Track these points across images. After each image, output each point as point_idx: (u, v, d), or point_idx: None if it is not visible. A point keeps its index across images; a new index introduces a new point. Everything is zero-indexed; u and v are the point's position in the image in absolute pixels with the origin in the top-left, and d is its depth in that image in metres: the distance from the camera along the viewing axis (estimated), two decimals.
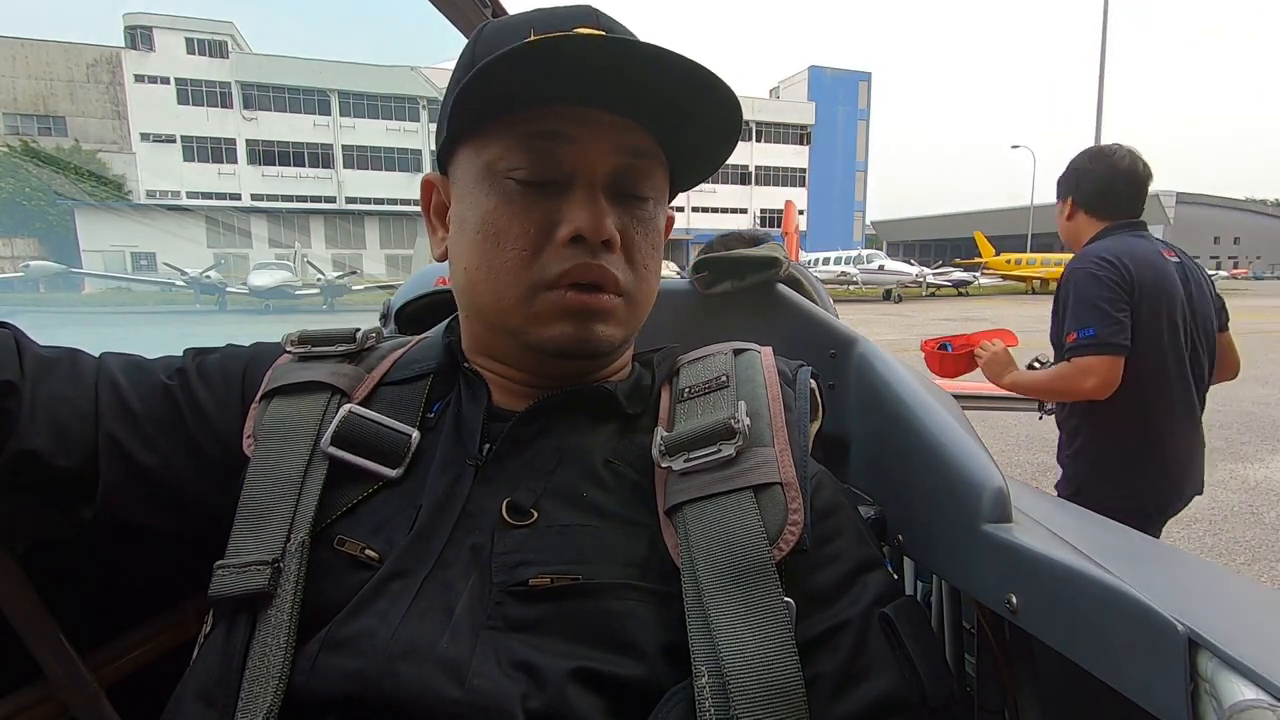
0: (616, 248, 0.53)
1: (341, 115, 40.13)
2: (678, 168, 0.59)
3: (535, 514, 0.50)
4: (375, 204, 39.34)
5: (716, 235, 1.66)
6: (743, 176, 50.15)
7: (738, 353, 0.61)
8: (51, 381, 0.52)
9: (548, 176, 0.52)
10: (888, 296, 26.30)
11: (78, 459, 0.51)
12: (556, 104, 0.51)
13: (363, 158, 41.20)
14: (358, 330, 0.63)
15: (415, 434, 0.54)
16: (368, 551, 0.49)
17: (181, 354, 0.62)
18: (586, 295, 0.52)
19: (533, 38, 0.48)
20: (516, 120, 0.52)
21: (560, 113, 0.51)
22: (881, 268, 27.81)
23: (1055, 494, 1.80)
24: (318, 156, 41.02)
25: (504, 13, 1.04)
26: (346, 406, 0.55)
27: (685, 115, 0.52)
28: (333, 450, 0.53)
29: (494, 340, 0.57)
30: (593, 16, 0.54)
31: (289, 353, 0.61)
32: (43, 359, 0.53)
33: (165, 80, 38.04)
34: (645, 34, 0.56)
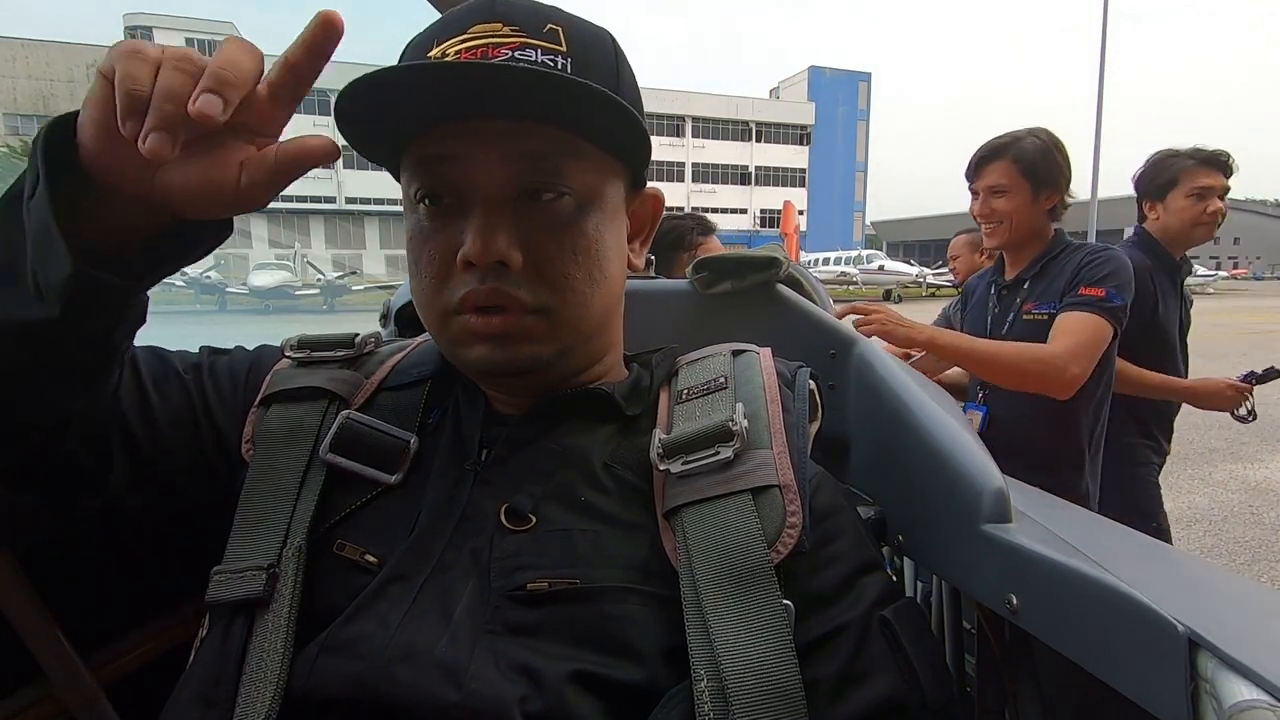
0: (517, 266, 0.49)
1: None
2: (620, 143, 0.54)
3: (534, 518, 0.50)
4: (375, 204, 39.32)
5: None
6: (743, 177, 50.17)
7: (736, 354, 0.61)
8: None
9: (446, 199, 0.51)
10: (887, 297, 26.28)
11: (90, 444, 0.51)
12: (441, 122, 0.49)
13: (363, 158, 41.13)
14: (356, 335, 0.63)
15: (414, 440, 0.55)
16: (367, 556, 0.49)
17: (197, 351, 0.62)
18: (493, 317, 0.50)
19: (397, 63, 0.48)
20: (412, 145, 0.51)
21: (444, 130, 0.49)
22: (881, 268, 27.82)
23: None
24: None
25: None
26: (345, 413, 0.55)
27: (571, 105, 0.48)
28: (331, 457, 0.53)
29: None
30: (487, 10, 0.50)
31: (288, 358, 0.61)
32: None
33: None
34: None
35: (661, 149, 47.58)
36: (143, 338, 0.55)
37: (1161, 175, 1.90)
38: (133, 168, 0.40)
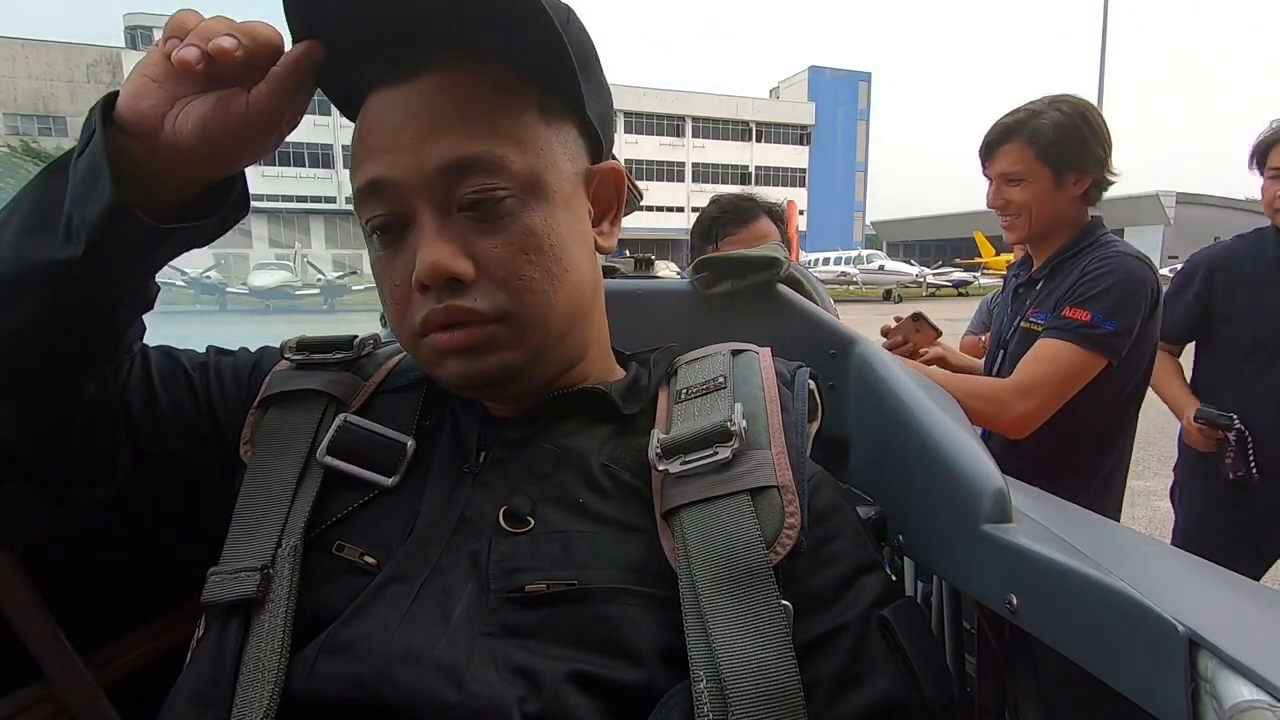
0: (470, 278, 0.49)
1: (342, 115, 39.99)
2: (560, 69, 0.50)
3: (532, 521, 0.50)
4: None
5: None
6: (743, 177, 50.15)
7: (736, 353, 0.61)
8: None
9: (393, 224, 0.50)
10: (888, 296, 26.30)
11: (98, 435, 0.52)
12: (375, 88, 0.51)
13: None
14: (355, 337, 0.63)
15: (410, 442, 0.55)
16: (366, 558, 0.49)
17: (204, 350, 0.63)
18: (455, 332, 0.50)
19: None
20: (352, 175, 0.52)
21: (371, 156, 0.50)
22: (881, 268, 27.83)
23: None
24: (318, 156, 41.04)
25: None
26: (342, 416, 0.55)
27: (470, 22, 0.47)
28: (328, 460, 0.53)
29: None
30: None
31: (287, 359, 0.61)
32: None
33: None
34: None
35: (661, 149, 47.57)
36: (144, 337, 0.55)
37: (1260, 150, 1.58)
38: (161, 105, 0.46)
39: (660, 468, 0.51)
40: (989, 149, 1.40)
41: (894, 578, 0.56)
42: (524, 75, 0.51)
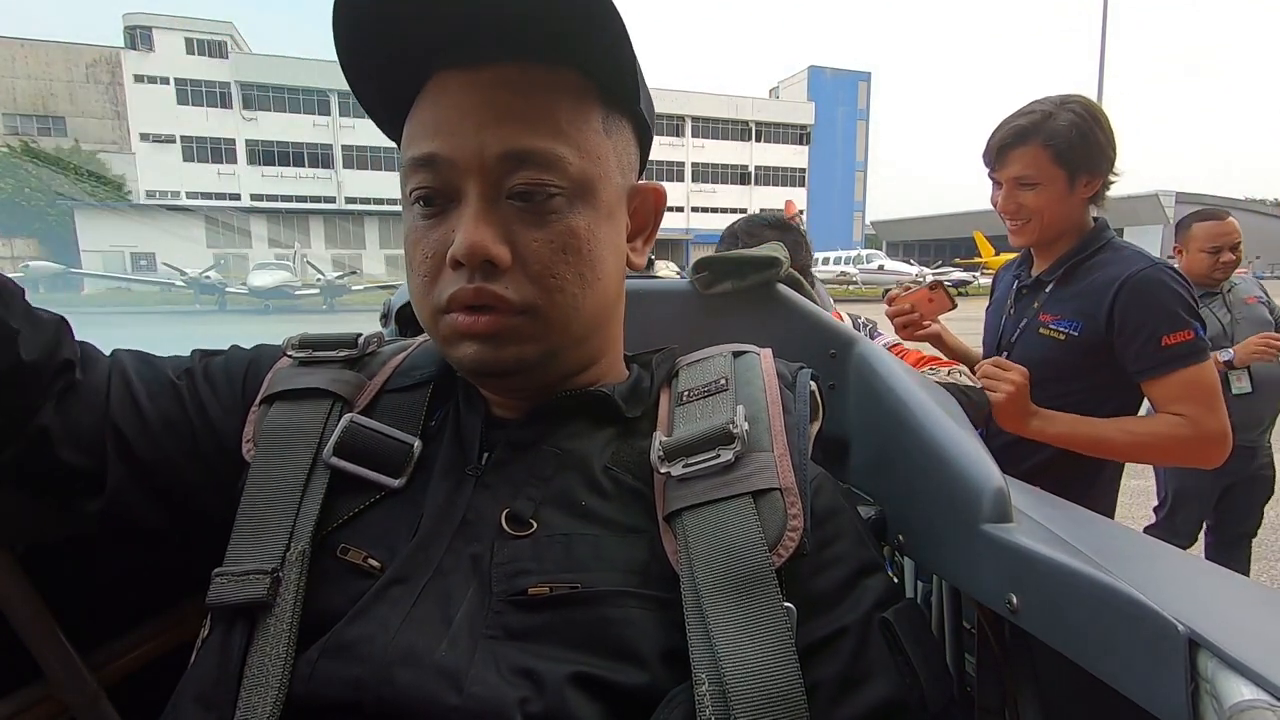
0: (505, 264, 0.49)
1: (341, 115, 40.02)
2: (616, 96, 0.53)
3: (534, 523, 0.49)
4: (375, 204, 39.33)
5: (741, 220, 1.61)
6: (742, 176, 50.15)
7: (737, 355, 0.61)
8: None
9: (438, 197, 0.51)
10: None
11: (85, 452, 0.52)
12: (426, 58, 0.51)
13: (363, 158, 41.18)
14: (359, 335, 0.63)
15: (417, 443, 0.54)
16: (370, 560, 0.49)
17: (189, 355, 0.62)
18: (480, 316, 0.50)
19: None
20: (405, 145, 0.52)
21: (432, 133, 0.50)
22: (881, 268, 27.89)
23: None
24: (318, 156, 41.05)
25: None
26: (348, 416, 0.55)
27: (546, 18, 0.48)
28: (335, 461, 0.53)
29: None
30: None
31: (290, 356, 0.61)
32: None
33: (165, 80, 38.03)
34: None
35: (661, 149, 47.54)
36: (144, 337, 0.55)
37: None
38: None
39: (662, 470, 0.51)
40: (1001, 152, 1.35)
41: (894, 578, 0.56)
42: (593, 84, 0.52)
